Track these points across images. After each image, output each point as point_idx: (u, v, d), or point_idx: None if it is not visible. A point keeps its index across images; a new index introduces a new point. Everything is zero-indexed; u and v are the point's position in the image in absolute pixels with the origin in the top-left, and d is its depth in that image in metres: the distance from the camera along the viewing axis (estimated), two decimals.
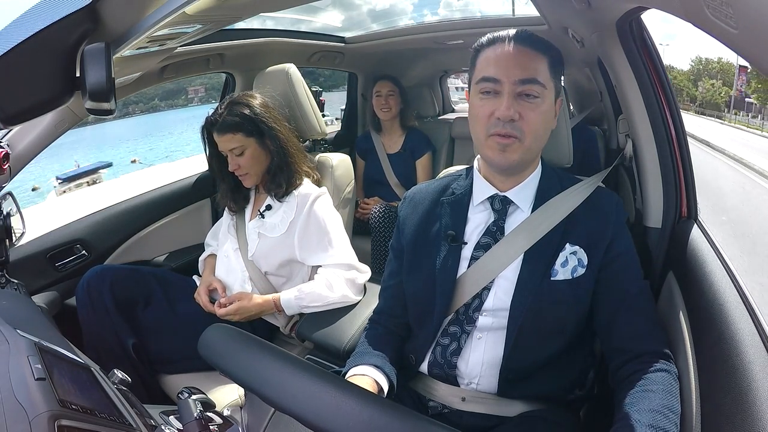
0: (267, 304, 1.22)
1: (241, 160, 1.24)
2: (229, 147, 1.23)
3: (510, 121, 0.73)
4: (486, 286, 0.80)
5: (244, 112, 1.23)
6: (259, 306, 1.21)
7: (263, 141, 1.25)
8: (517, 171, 0.81)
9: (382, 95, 2.21)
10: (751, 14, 0.32)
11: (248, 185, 1.30)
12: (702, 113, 37.05)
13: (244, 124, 1.22)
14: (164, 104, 43.13)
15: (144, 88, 1.59)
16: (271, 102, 1.31)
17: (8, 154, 1.14)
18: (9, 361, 0.62)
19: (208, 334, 0.55)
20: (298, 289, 1.21)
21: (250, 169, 1.26)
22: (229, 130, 1.22)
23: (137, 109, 44.25)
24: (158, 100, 45.35)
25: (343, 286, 1.21)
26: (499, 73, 0.74)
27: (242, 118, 1.22)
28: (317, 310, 1.21)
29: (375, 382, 0.79)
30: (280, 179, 1.26)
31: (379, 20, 2.31)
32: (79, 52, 0.62)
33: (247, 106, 1.24)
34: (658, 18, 6.60)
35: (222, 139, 1.23)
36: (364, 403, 0.41)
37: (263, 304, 1.22)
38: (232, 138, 1.22)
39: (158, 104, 44.17)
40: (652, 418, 0.61)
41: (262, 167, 1.28)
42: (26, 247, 1.35)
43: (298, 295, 1.20)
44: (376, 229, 1.99)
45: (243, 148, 1.23)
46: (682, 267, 0.84)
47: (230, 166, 1.25)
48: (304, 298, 1.20)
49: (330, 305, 1.21)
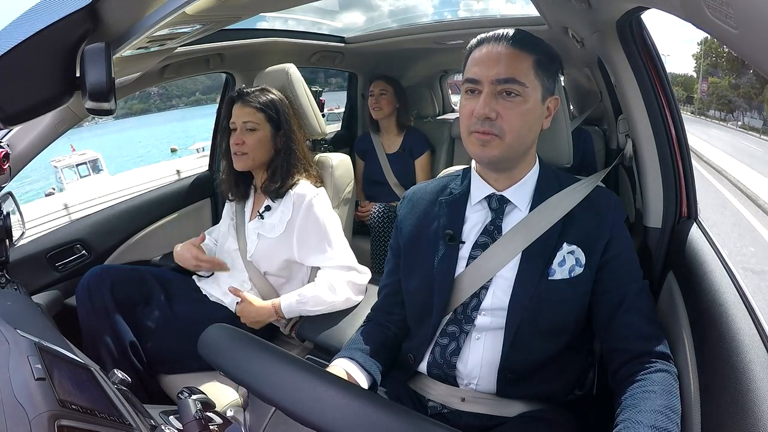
0: (266, 310, 1.20)
1: (248, 136, 1.24)
2: (246, 119, 1.24)
3: (487, 120, 0.74)
4: (484, 286, 0.80)
5: (275, 100, 1.27)
6: (257, 310, 1.19)
7: (276, 134, 1.28)
8: (503, 167, 0.81)
9: (374, 95, 2.22)
10: (751, 14, 0.32)
11: (239, 167, 1.28)
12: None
13: (269, 110, 1.26)
14: (206, 98, 43.75)
15: (144, 88, 1.60)
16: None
17: (8, 154, 1.14)
18: (9, 361, 0.62)
19: (208, 334, 0.55)
20: (299, 293, 1.20)
21: (251, 150, 1.25)
22: (255, 105, 1.25)
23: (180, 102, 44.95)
24: (199, 94, 46.00)
25: (345, 288, 1.21)
26: (479, 73, 0.75)
27: (271, 104, 1.27)
28: (320, 313, 1.20)
29: (348, 376, 0.81)
30: (277, 178, 1.26)
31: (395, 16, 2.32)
32: (79, 52, 0.62)
33: (278, 99, 1.28)
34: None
35: (244, 110, 1.25)
36: (363, 403, 0.41)
37: (261, 309, 1.20)
38: (254, 113, 1.24)
39: (200, 98, 44.84)
40: (653, 418, 0.61)
41: (262, 156, 1.28)
42: (26, 247, 1.35)
43: (300, 299, 1.18)
44: (375, 229, 1.99)
45: (257, 127, 1.25)
46: (682, 267, 0.84)
47: (234, 139, 1.25)
48: (306, 302, 1.18)
49: (333, 308, 1.20)
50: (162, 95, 39.83)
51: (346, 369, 0.83)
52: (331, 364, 0.85)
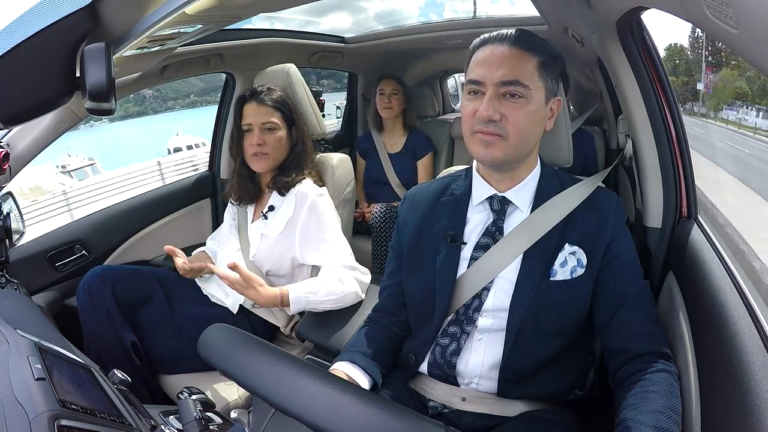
0: (273, 298, 1.10)
1: (268, 137, 1.24)
2: (265, 120, 1.24)
3: (491, 121, 0.73)
4: (485, 287, 0.80)
5: (284, 97, 1.29)
6: (265, 298, 1.09)
7: (291, 131, 1.29)
8: (505, 168, 0.81)
9: (385, 93, 2.21)
10: (751, 14, 0.32)
11: (260, 168, 1.27)
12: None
13: (283, 108, 1.27)
14: (201, 100, 43.92)
15: (144, 88, 1.59)
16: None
17: (8, 154, 1.14)
18: (9, 361, 0.62)
19: (208, 334, 0.55)
20: (308, 283, 1.15)
21: (272, 150, 1.25)
22: (271, 105, 1.25)
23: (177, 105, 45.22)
24: (194, 96, 46.22)
25: (353, 281, 1.19)
26: (482, 75, 0.74)
27: (283, 101, 1.28)
28: (328, 306, 1.15)
29: (349, 378, 0.81)
30: (290, 171, 1.27)
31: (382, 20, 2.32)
32: (79, 52, 0.62)
33: (285, 96, 1.30)
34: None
35: (261, 110, 1.24)
36: (363, 403, 0.41)
37: (270, 296, 1.10)
38: (272, 113, 1.25)
39: (196, 100, 44.99)
40: (654, 419, 0.61)
41: (281, 155, 1.28)
42: (26, 247, 1.35)
43: (310, 289, 1.12)
44: (376, 229, 1.99)
45: (276, 126, 1.25)
46: (682, 267, 0.84)
47: (254, 141, 1.23)
48: (316, 292, 1.12)
49: (342, 300, 1.16)
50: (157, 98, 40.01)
51: (347, 372, 0.82)
52: (332, 367, 0.85)
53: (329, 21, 2.41)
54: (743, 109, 3.95)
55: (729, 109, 4.05)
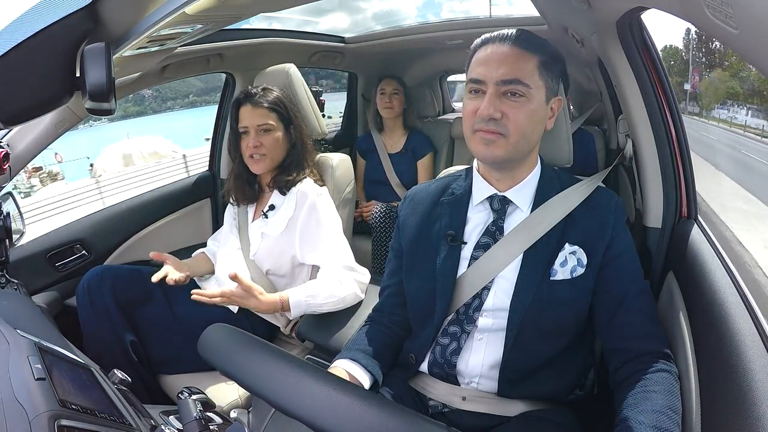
0: (274, 305, 1.11)
1: (265, 138, 1.24)
2: (260, 122, 1.24)
3: (492, 120, 0.74)
4: (486, 286, 0.80)
5: (280, 97, 1.28)
6: (266, 305, 1.10)
7: (288, 131, 1.28)
8: (506, 168, 0.81)
9: (386, 93, 2.21)
10: (751, 14, 0.32)
11: (258, 169, 1.27)
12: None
13: (279, 108, 1.26)
14: (200, 100, 44.00)
15: (144, 88, 1.59)
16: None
17: (8, 154, 1.14)
18: (9, 361, 0.62)
19: (208, 334, 0.55)
20: (307, 286, 1.15)
21: (270, 152, 1.25)
22: (266, 106, 1.25)
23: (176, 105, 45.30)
24: (193, 96, 46.36)
25: (352, 282, 1.19)
26: (483, 74, 0.75)
27: (279, 101, 1.27)
28: (328, 308, 1.15)
29: (350, 377, 0.81)
30: (292, 170, 1.27)
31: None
32: (79, 52, 0.62)
33: (282, 95, 1.29)
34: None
35: (256, 112, 1.24)
36: (365, 404, 0.41)
37: (270, 303, 1.11)
38: (267, 115, 1.24)
39: (195, 100, 45.10)
40: (655, 419, 0.61)
41: (279, 156, 1.28)
42: (26, 247, 1.35)
43: (310, 293, 1.12)
44: (376, 229, 1.99)
45: (272, 127, 1.25)
46: (682, 267, 0.84)
47: (250, 143, 1.24)
48: (316, 295, 1.12)
49: (342, 301, 1.16)
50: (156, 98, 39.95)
51: (348, 370, 0.82)
52: (332, 365, 0.85)
53: (328, 21, 2.41)
54: (721, 108, 4.89)
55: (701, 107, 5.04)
